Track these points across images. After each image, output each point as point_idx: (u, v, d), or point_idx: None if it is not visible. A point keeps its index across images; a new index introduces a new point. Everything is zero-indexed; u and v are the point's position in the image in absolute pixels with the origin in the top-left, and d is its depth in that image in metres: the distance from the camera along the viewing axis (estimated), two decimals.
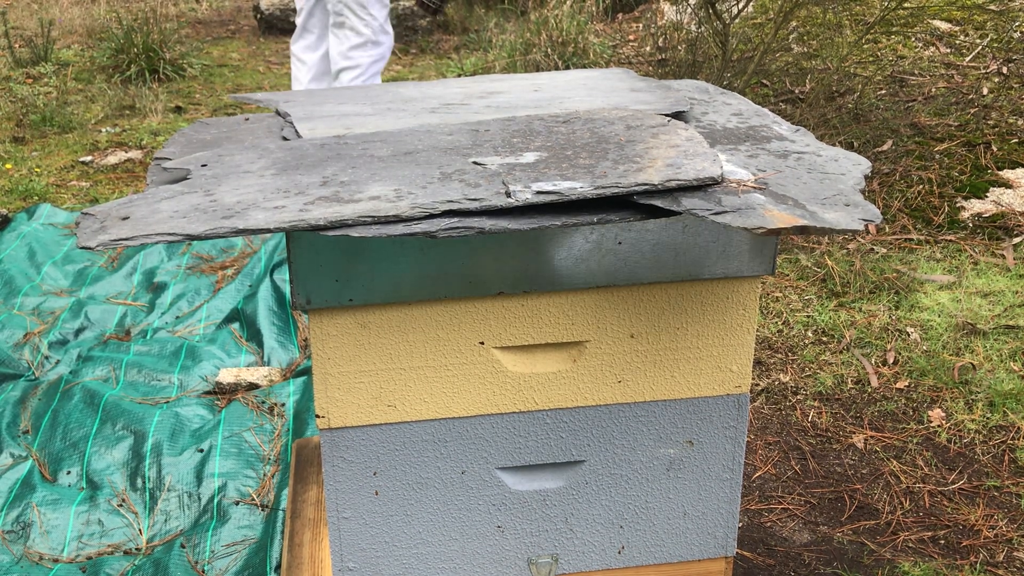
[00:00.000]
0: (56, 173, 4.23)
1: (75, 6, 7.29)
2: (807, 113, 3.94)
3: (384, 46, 3.82)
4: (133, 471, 2.20)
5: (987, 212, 3.34)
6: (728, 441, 1.39)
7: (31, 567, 1.95)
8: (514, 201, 1.10)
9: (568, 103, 1.52)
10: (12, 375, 2.63)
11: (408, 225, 1.08)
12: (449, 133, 1.36)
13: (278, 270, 3.09)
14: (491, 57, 5.62)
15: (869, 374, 2.58)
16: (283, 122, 1.51)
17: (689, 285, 1.30)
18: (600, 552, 1.43)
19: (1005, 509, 2.10)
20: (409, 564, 1.39)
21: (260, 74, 5.92)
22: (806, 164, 1.26)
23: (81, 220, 1.11)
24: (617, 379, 1.33)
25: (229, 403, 2.45)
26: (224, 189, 1.18)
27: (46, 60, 5.87)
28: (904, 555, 1.98)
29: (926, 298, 2.91)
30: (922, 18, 4.62)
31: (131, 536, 2.04)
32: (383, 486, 1.34)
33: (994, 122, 3.77)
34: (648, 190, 1.12)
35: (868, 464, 2.26)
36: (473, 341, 1.29)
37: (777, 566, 1.96)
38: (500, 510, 1.38)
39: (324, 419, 1.30)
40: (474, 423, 1.33)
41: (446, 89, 1.66)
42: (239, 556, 1.96)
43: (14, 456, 2.29)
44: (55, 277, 3.23)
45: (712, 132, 1.41)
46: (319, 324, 1.25)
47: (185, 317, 2.95)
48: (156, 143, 4.57)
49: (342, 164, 1.24)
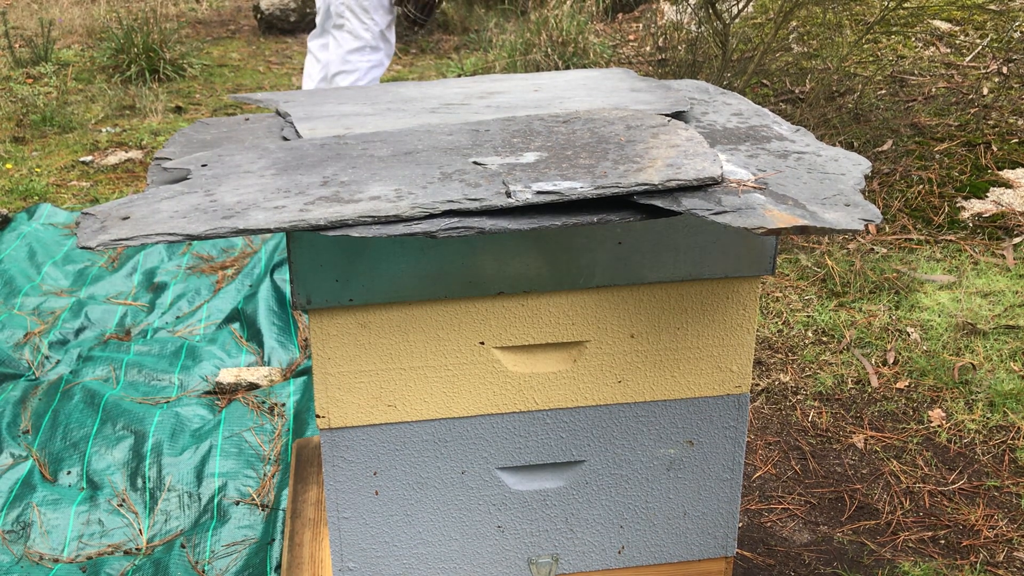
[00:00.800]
0: (56, 173, 4.23)
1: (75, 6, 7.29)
2: (807, 113, 3.94)
3: (382, 52, 3.81)
4: (133, 471, 2.20)
5: (987, 212, 3.34)
6: (728, 441, 1.39)
7: (31, 567, 1.95)
8: (514, 201, 1.10)
9: (568, 103, 1.52)
10: (12, 375, 2.63)
11: (408, 225, 1.08)
12: (449, 133, 1.36)
13: (278, 270, 3.09)
14: (491, 57, 5.62)
15: (869, 374, 2.58)
16: (283, 122, 1.52)
17: (689, 285, 1.30)
18: (600, 552, 1.43)
19: (1005, 509, 2.10)
20: (409, 564, 1.39)
21: (260, 74, 5.92)
22: (806, 164, 1.26)
23: (81, 220, 1.11)
24: (617, 379, 1.33)
25: (229, 403, 2.45)
26: (224, 189, 1.18)
27: (46, 60, 5.87)
28: (904, 555, 1.98)
29: (926, 298, 2.91)
30: (922, 18, 4.62)
31: (131, 536, 2.04)
32: (383, 486, 1.34)
33: (994, 122, 3.77)
34: (648, 190, 1.12)
35: (868, 464, 2.26)
36: (473, 341, 1.29)
37: (777, 566, 1.96)
38: (500, 510, 1.38)
39: (324, 419, 1.30)
40: (474, 423, 1.33)
41: (446, 89, 1.66)
42: (239, 556, 1.96)
43: (14, 456, 2.29)
44: (55, 277, 3.23)
45: (712, 132, 1.41)
46: (319, 324, 1.25)
47: (185, 317, 2.95)
48: (156, 143, 4.57)
49: (342, 164, 1.24)
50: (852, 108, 3.96)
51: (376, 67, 3.81)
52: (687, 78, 2.88)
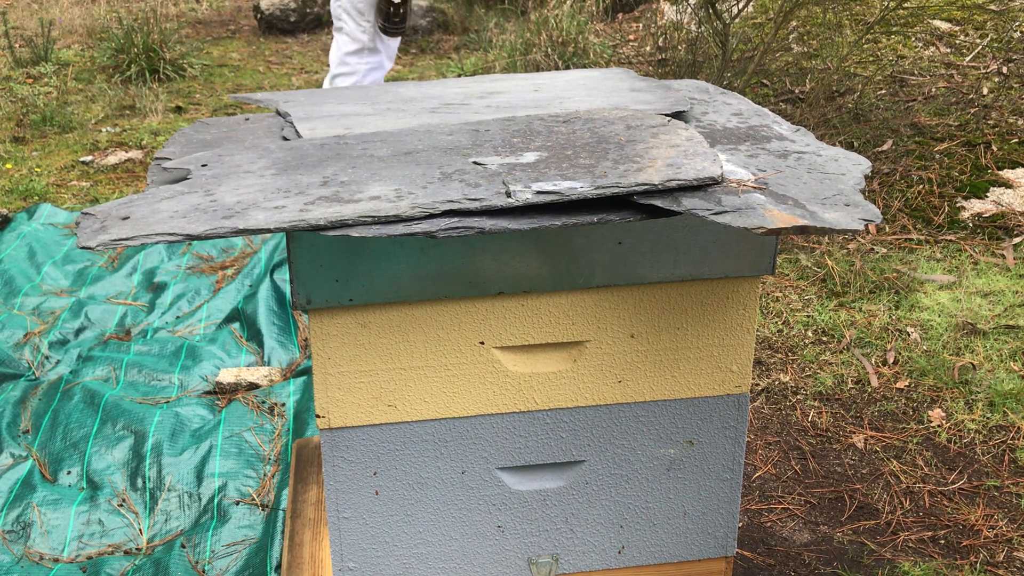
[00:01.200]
0: (56, 173, 4.23)
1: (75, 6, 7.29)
2: (807, 113, 3.94)
3: (382, 55, 3.81)
4: (133, 471, 2.20)
5: (987, 212, 3.34)
6: (728, 441, 1.39)
7: (31, 567, 1.95)
8: (514, 201, 1.10)
9: (568, 103, 1.52)
10: (12, 375, 2.63)
11: (408, 225, 1.08)
12: (449, 133, 1.36)
13: (278, 270, 3.09)
14: (491, 57, 5.62)
15: (869, 374, 2.58)
16: (283, 122, 1.52)
17: (689, 285, 1.30)
18: (600, 552, 1.43)
19: (1005, 509, 2.10)
20: (409, 564, 1.39)
21: (260, 74, 5.92)
22: (806, 164, 1.26)
23: (81, 220, 1.11)
24: (617, 379, 1.33)
25: (229, 403, 2.45)
26: (224, 189, 1.18)
27: (46, 60, 5.87)
28: (904, 555, 1.98)
29: (926, 298, 2.91)
30: (922, 18, 4.62)
31: (131, 536, 2.04)
32: (383, 486, 1.34)
33: (994, 122, 3.77)
34: (648, 190, 1.12)
35: (868, 464, 2.26)
36: (473, 341, 1.29)
37: (777, 566, 1.96)
38: (500, 510, 1.38)
39: (324, 419, 1.30)
40: (474, 423, 1.33)
41: (446, 89, 1.66)
42: (239, 556, 1.96)
43: (14, 456, 2.29)
44: (55, 277, 3.23)
45: (712, 132, 1.41)
46: (319, 324, 1.25)
47: (185, 317, 2.95)
48: (156, 143, 4.57)
49: (342, 164, 1.24)
50: (852, 108, 3.97)
51: (375, 69, 3.81)
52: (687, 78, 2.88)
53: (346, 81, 3.79)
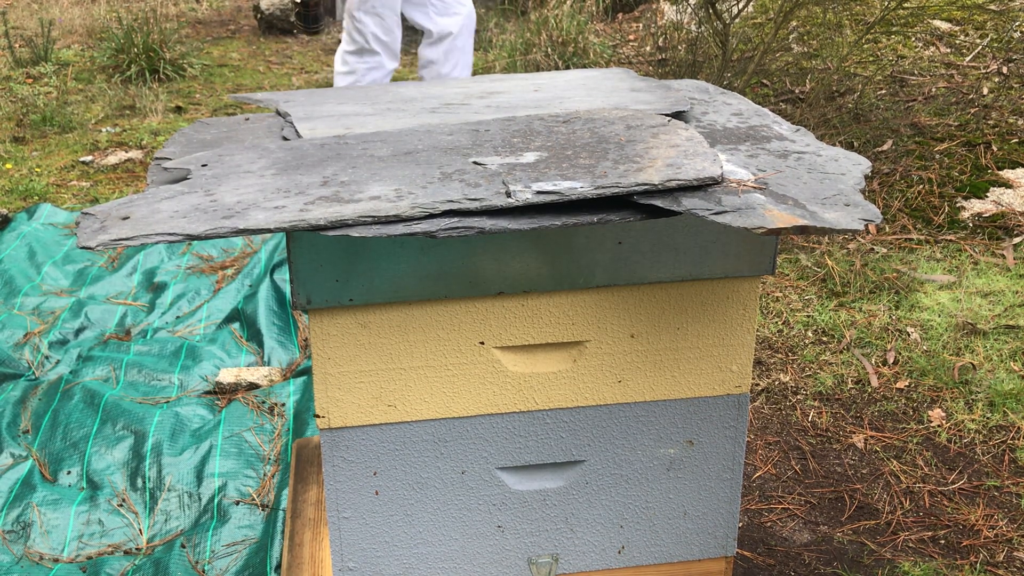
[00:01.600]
0: (56, 173, 4.23)
1: (75, 6, 7.29)
2: (807, 113, 3.94)
3: (382, 56, 3.83)
4: (133, 471, 2.20)
5: (987, 212, 3.34)
6: (728, 441, 1.39)
7: (31, 567, 1.95)
8: (514, 201, 1.10)
9: (568, 103, 1.52)
10: (12, 375, 2.63)
11: (408, 225, 1.08)
12: (449, 133, 1.36)
13: (278, 270, 3.09)
14: (491, 57, 5.62)
15: (869, 374, 2.58)
16: (283, 122, 1.52)
17: (689, 285, 1.30)
18: (600, 552, 1.43)
19: (1005, 509, 2.10)
20: (409, 564, 1.39)
21: (260, 74, 5.92)
22: (806, 164, 1.26)
23: (81, 220, 1.11)
24: (617, 379, 1.33)
25: (229, 403, 2.45)
26: (224, 189, 1.18)
27: (46, 60, 5.87)
28: (904, 555, 1.98)
29: (926, 298, 2.91)
30: (922, 18, 4.62)
31: (131, 536, 2.04)
32: (383, 486, 1.34)
33: (994, 122, 3.77)
34: (648, 190, 1.12)
35: (868, 464, 2.26)
36: (473, 341, 1.29)
37: (777, 566, 1.96)
38: (500, 510, 1.38)
39: (324, 419, 1.30)
40: (474, 423, 1.33)
41: (446, 89, 1.66)
42: (239, 556, 1.96)
43: (14, 456, 2.29)
44: (55, 277, 3.23)
45: (712, 132, 1.41)
46: (319, 324, 1.25)
47: (185, 317, 2.95)
48: (156, 143, 4.57)
49: (342, 164, 1.24)
50: (852, 108, 3.97)
51: (375, 69, 3.83)
52: (687, 78, 2.88)
53: (345, 80, 3.81)
